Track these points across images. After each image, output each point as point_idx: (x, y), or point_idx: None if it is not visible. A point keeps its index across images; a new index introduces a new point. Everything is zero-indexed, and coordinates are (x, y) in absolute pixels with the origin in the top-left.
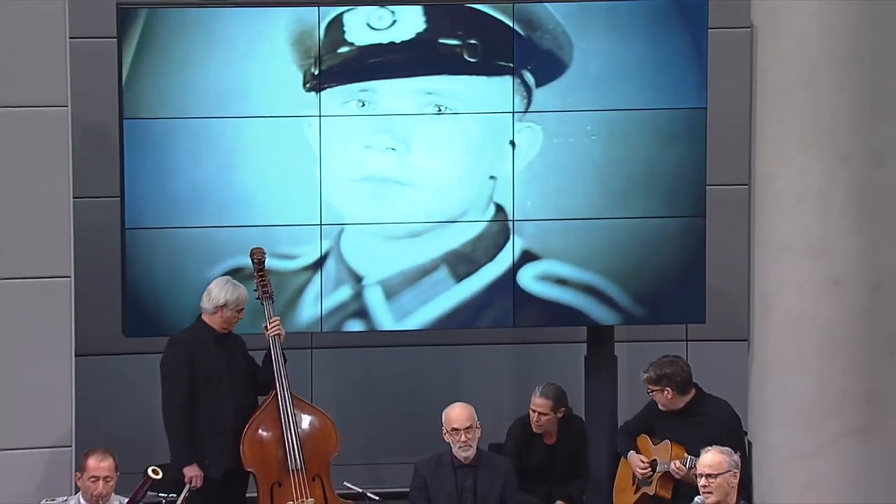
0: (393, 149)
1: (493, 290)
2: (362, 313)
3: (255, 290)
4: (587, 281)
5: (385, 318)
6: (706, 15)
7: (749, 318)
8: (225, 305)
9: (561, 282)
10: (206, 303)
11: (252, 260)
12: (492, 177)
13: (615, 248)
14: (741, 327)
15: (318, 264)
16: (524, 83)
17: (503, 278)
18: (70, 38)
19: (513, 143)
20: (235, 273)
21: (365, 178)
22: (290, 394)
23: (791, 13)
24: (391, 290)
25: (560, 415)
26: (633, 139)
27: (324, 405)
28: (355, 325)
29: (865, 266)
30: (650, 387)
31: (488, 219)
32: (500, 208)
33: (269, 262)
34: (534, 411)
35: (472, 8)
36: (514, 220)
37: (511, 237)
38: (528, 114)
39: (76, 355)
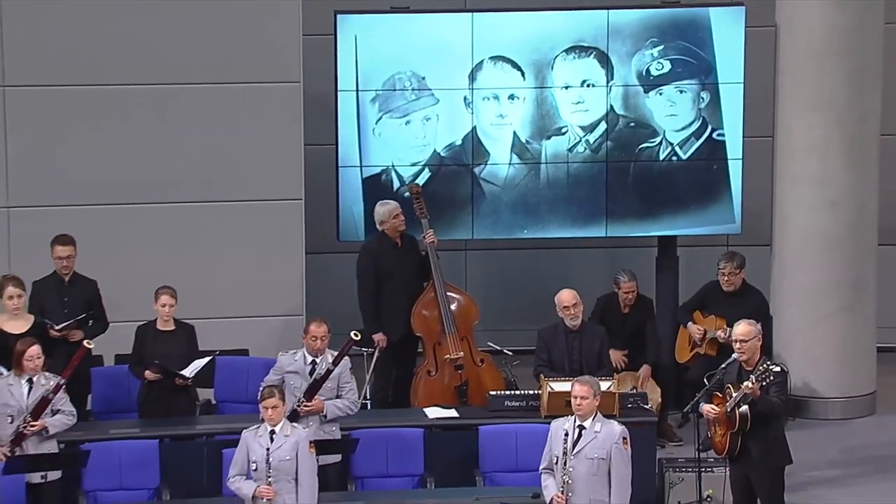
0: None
1: None
2: None
3: (415, 213)
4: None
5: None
6: (744, 18)
7: (771, 230)
8: (383, 221)
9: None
10: (376, 222)
11: (410, 192)
12: None
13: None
14: (766, 236)
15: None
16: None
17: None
18: (303, 35)
19: None
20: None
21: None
22: (443, 281)
23: (803, 17)
24: None
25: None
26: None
27: (474, 289)
28: None
29: (854, 192)
30: (735, 271)
31: None
32: None
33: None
34: (626, 293)
35: None
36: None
37: None
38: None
39: (306, 253)
